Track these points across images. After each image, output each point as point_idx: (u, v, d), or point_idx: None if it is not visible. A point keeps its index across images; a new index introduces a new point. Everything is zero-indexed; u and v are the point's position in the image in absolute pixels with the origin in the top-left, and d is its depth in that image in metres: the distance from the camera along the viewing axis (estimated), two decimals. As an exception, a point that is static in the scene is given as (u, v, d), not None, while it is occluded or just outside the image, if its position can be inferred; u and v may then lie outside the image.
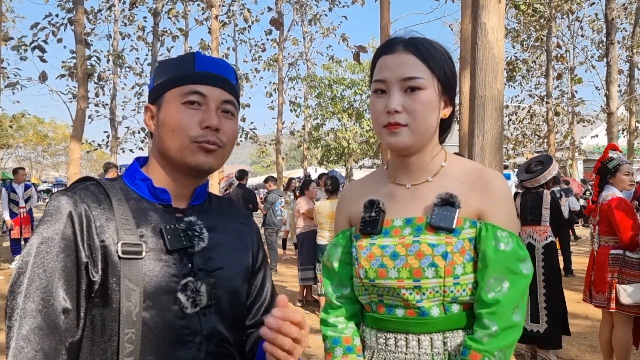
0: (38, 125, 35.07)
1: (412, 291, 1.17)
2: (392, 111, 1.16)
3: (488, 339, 1.13)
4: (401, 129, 1.17)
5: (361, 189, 1.36)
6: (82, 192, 1.02)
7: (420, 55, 1.18)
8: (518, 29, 17.99)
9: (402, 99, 1.16)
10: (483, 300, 1.15)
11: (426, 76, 1.17)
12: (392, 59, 1.19)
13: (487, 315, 1.14)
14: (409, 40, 1.21)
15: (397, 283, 1.18)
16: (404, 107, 1.16)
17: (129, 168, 1.15)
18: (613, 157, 4.01)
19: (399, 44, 1.20)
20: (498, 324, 1.13)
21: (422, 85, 1.16)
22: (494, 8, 4.14)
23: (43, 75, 12.92)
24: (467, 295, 1.18)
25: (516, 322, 1.15)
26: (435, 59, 1.19)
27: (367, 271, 1.22)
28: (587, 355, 4.81)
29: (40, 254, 0.94)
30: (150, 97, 1.14)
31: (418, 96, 1.16)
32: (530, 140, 20.06)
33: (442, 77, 1.20)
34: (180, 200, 1.12)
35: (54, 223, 0.96)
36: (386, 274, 1.19)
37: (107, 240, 0.98)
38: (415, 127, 1.17)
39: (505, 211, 1.21)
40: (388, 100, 1.17)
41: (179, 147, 1.06)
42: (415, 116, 1.16)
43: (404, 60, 1.17)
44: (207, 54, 1.35)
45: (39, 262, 0.93)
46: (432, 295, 1.17)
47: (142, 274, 0.98)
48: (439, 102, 1.20)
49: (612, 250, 3.86)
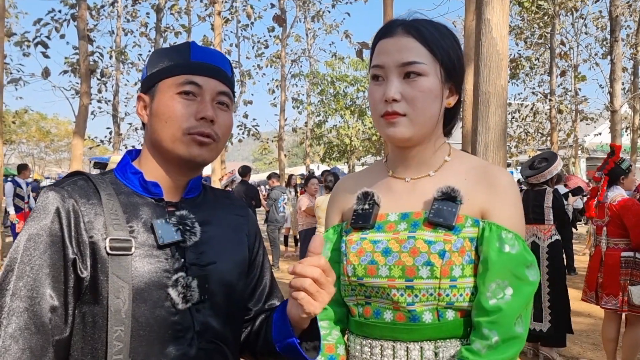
0: (41, 122, 35.14)
1: (404, 292, 1.07)
2: (390, 100, 1.06)
3: (487, 351, 1.02)
4: (399, 118, 1.07)
5: (356, 182, 1.25)
6: (70, 186, 1.00)
7: (422, 38, 1.08)
8: (522, 26, 17.93)
9: (401, 87, 1.07)
10: (483, 307, 1.04)
11: (427, 61, 1.07)
12: (391, 42, 1.09)
13: (487, 325, 1.03)
14: (410, 22, 1.11)
15: (387, 282, 1.08)
16: (402, 95, 1.07)
17: (120, 162, 1.12)
18: (623, 157, 3.98)
19: (399, 27, 1.10)
20: (499, 334, 1.02)
21: (423, 70, 1.07)
22: (499, 4, 4.11)
23: (46, 71, 12.92)
24: (464, 301, 1.08)
25: (519, 334, 1.04)
26: (438, 42, 1.09)
27: (356, 268, 1.12)
28: (590, 353, 4.80)
29: (28, 251, 0.93)
30: (143, 86, 1.10)
31: (418, 83, 1.06)
32: (533, 137, 19.99)
33: (445, 62, 1.10)
34: (172, 194, 1.10)
35: (41, 219, 0.95)
36: (376, 271, 1.09)
37: (96, 236, 0.96)
38: (414, 117, 1.07)
39: (512, 211, 1.11)
40: (386, 87, 1.08)
41: (172, 139, 1.04)
42: (415, 105, 1.07)
43: (403, 44, 1.08)
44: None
45: (26, 260, 0.92)
46: (425, 298, 1.06)
47: (133, 270, 0.96)
48: (442, 89, 1.10)
49: (623, 252, 3.80)
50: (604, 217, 3.93)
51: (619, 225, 3.83)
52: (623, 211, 3.75)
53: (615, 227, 3.86)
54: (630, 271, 3.75)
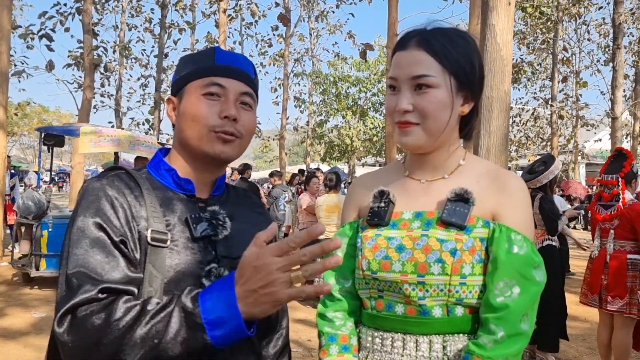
0: (43, 114, 35.12)
1: (415, 287, 1.12)
2: (401, 111, 1.14)
3: (492, 345, 1.07)
4: (412, 127, 1.15)
5: (373, 181, 1.31)
6: (114, 178, 1.07)
7: (433, 51, 1.13)
8: (525, 31, 17.98)
9: (413, 98, 1.14)
10: (491, 304, 1.09)
11: (437, 74, 1.13)
12: (404, 55, 1.16)
13: (494, 320, 1.08)
14: (423, 35, 1.16)
15: (400, 277, 1.13)
16: (414, 106, 1.13)
17: (153, 159, 1.19)
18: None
19: (413, 39, 1.16)
20: (505, 330, 1.07)
21: (433, 83, 1.13)
22: (504, 10, 4.16)
23: (50, 64, 12.96)
24: (473, 298, 1.13)
25: (524, 331, 1.09)
26: (449, 53, 1.14)
27: (370, 262, 1.17)
28: (586, 357, 4.85)
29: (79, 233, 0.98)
30: (173, 89, 1.18)
31: (428, 95, 1.13)
32: (533, 142, 20.07)
33: (458, 73, 1.15)
34: (202, 191, 1.16)
35: (96, 203, 1.00)
36: (390, 266, 1.14)
37: (141, 225, 1.02)
38: (427, 127, 1.14)
39: (522, 214, 1.15)
40: (398, 99, 1.15)
41: (198, 136, 1.10)
42: (426, 115, 1.13)
43: (414, 58, 1.14)
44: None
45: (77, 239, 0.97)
46: (435, 294, 1.11)
47: (168, 261, 1.02)
48: (453, 99, 1.15)
49: (629, 255, 3.84)
50: (612, 220, 3.94)
51: (628, 229, 3.85)
52: (634, 215, 3.78)
53: (623, 230, 3.87)
54: (637, 274, 3.78)
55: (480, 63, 1.21)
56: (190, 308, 0.85)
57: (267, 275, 0.82)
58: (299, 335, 5.08)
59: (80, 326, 0.88)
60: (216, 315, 0.84)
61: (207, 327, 0.83)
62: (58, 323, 0.89)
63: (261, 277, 0.82)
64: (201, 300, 0.85)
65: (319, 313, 1.30)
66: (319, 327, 1.28)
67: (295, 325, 5.26)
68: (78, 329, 0.88)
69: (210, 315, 0.84)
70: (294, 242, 0.83)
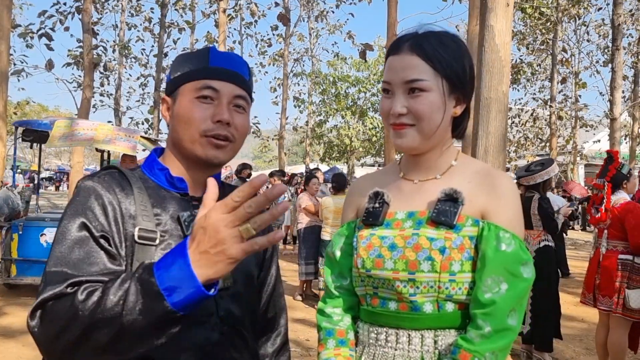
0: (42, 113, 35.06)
1: (407, 284, 1.16)
2: (396, 114, 1.18)
3: (480, 340, 1.11)
4: (407, 129, 1.19)
5: (371, 182, 1.36)
6: (106, 176, 1.08)
7: (425, 55, 1.17)
8: (524, 31, 18.00)
9: (407, 101, 1.18)
10: (479, 300, 1.13)
11: (429, 77, 1.17)
12: (397, 60, 1.20)
13: (482, 316, 1.12)
14: (415, 40, 1.20)
15: (392, 274, 1.18)
16: (408, 109, 1.17)
17: (147, 158, 1.21)
18: (621, 161, 4.03)
19: (405, 44, 1.20)
20: (492, 325, 1.11)
21: (425, 87, 1.16)
22: (502, 11, 4.17)
23: (50, 63, 12.96)
24: (462, 295, 1.17)
25: (511, 326, 1.12)
26: (441, 57, 1.18)
27: (365, 261, 1.22)
28: (583, 358, 4.87)
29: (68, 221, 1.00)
30: (167, 89, 1.19)
31: (421, 98, 1.16)
32: (532, 143, 20.09)
33: (450, 76, 1.19)
34: (195, 189, 1.17)
35: (85, 202, 1.02)
36: (382, 264, 1.19)
37: (130, 223, 1.04)
38: (421, 129, 1.18)
39: (511, 213, 1.19)
40: (392, 102, 1.19)
41: (191, 140, 1.11)
42: (420, 118, 1.17)
43: (407, 62, 1.18)
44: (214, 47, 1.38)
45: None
46: (426, 290, 1.15)
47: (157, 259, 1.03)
48: (445, 102, 1.19)
49: (620, 255, 3.87)
50: (607, 220, 3.97)
51: (619, 228, 3.88)
52: (624, 213, 3.80)
53: (615, 230, 3.91)
54: (627, 274, 3.80)
55: (471, 65, 1.25)
56: (146, 278, 0.84)
57: (215, 234, 0.80)
58: (297, 335, 5.10)
59: (48, 316, 0.89)
60: (172, 281, 0.82)
61: (164, 294, 0.82)
62: (30, 318, 0.90)
63: (210, 236, 0.80)
64: (156, 269, 0.84)
65: (318, 309, 1.35)
66: (317, 322, 1.34)
67: (294, 325, 5.27)
68: (46, 319, 0.89)
69: (166, 283, 0.82)
70: (239, 197, 0.80)
